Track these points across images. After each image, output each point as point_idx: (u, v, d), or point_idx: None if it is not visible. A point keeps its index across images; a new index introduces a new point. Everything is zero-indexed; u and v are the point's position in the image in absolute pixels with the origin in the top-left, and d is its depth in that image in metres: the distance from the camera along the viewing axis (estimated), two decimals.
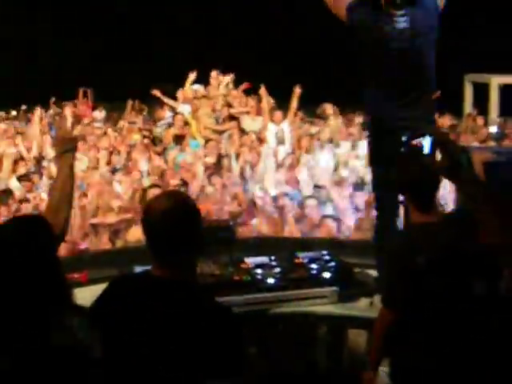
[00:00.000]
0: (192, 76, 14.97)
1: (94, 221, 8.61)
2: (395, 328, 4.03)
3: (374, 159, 5.58)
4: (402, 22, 5.11)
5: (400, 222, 5.51)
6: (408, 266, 3.84)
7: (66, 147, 3.92)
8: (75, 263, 5.85)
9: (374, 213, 5.97)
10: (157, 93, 15.01)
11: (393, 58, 5.19)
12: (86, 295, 3.72)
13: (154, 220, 3.10)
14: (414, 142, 4.61)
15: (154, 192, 6.87)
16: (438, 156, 3.44)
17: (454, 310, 3.04)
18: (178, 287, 3.09)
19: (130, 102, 16.66)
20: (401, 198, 5.08)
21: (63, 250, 6.50)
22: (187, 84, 15.00)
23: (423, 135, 4.59)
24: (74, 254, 7.11)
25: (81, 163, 11.59)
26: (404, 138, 4.88)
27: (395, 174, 4.28)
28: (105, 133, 14.33)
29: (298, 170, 11.38)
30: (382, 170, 5.37)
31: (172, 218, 3.07)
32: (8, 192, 10.09)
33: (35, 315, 3.00)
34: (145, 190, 7.21)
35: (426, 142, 4.54)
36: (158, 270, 3.13)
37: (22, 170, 12.14)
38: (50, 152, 13.04)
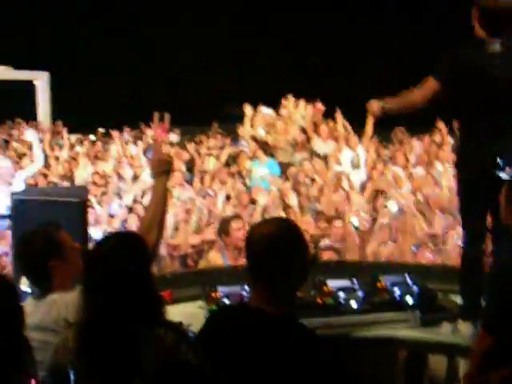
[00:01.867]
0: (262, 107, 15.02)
1: (175, 242, 8.75)
2: (495, 355, 3.95)
3: (467, 188, 5.47)
4: (494, 46, 5.10)
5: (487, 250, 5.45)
6: None
7: (162, 169, 4.04)
8: (159, 282, 5.92)
9: (461, 241, 5.88)
10: (246, 109, 15.02)
11: (487, 84, 5.15)
12: (170, 314, 3.76)
13: (259, 245, 3.08)
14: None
15: (236, 225, 6.99)
16: None
17: None
18: (279, 322, 3.05)
19: (214, 125, 16.91)
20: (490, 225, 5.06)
21: None
22: (260, 108, 15.05)
23: None
24: None
25: None
26: (500, 163, 4.80)
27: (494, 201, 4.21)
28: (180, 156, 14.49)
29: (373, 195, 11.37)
30: (475, 199, 5.30)
31: (278, 244, 3.05)
32: None
33: (129, 329, 3.07)
34: (226, 221, 7.32)
35: None
36: (258, 300, 3.13)
37: (99, 192, 12.38)
38: (128, 173, 13.31)
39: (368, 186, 11.99)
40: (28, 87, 25.34)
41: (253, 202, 10.67)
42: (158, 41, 26.96)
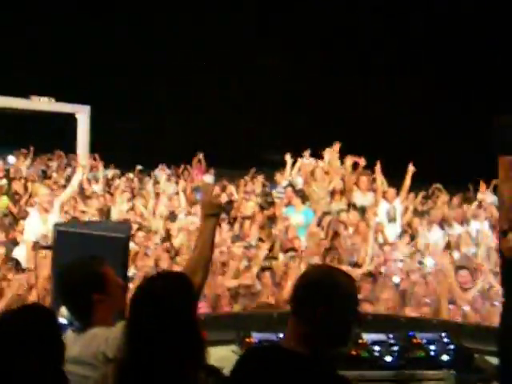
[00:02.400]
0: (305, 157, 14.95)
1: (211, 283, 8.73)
2: None
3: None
4: None
5: None
6: None
7: (211, 211, 4.03)
8: None
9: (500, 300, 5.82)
10: (286, 156, 14.99)
11: None
12: None
13: (302, 288, 3.11)
14: None
15: (266, 275, 7.03)
16: None
17: None
18: (311, 364, 3.04)
19: (252, 171, 16.97)
20: None
21: None
22: (303, 158, 15.00)
23: None
24: None
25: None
26: None
27: None
28: None
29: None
30: None
31: (320, 288, 3.06)
32: None
33: (171, 370, 3.05)
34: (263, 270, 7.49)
35: None
36: (293, 341, 3.11)
37: (134, 228, 12.38)
38: (163, 211, 13.34)
39: (403, 241, 11.91)
40: (69, 119, 25.65)
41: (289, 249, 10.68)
42: (197, 79, 27.25)
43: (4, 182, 15.33)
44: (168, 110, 27.71)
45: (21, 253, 10.07)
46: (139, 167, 18.81)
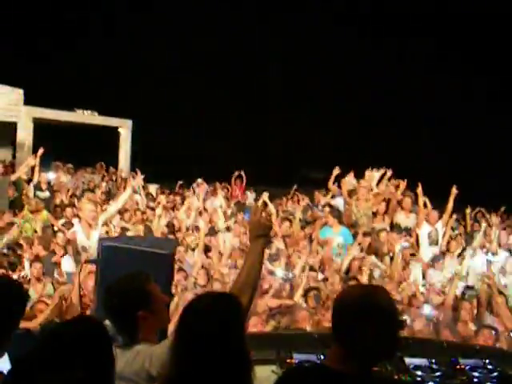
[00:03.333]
0: (336, 171, 14.77)
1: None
2: None
3: None
4: None
5: None
6: None
7: (259, 232, 4.01)
8: None
9: None
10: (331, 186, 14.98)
11: None
12: None
13: (343, 308, 3.09)
14: None
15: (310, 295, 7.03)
16: None
17: None
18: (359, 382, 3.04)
19: (293, 188, 16.93)
20: None
21: None
22: (346, 177, 14.86)
23: None
24: None
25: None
26: None
27: None
28: None
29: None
30: None
31: (361, 308, 3.04)
32: None
33: None
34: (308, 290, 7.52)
35: None
36: (335, 360, 3.09)
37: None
38: (204, 227, 13.36)
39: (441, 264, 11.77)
40: (111, 133, 25.85)
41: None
42: (240, 101, 27.44)
43: (47, 194, 15.47)
44: (209, 130, 27.91)
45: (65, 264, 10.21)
46: (180, 182, 18.93)
